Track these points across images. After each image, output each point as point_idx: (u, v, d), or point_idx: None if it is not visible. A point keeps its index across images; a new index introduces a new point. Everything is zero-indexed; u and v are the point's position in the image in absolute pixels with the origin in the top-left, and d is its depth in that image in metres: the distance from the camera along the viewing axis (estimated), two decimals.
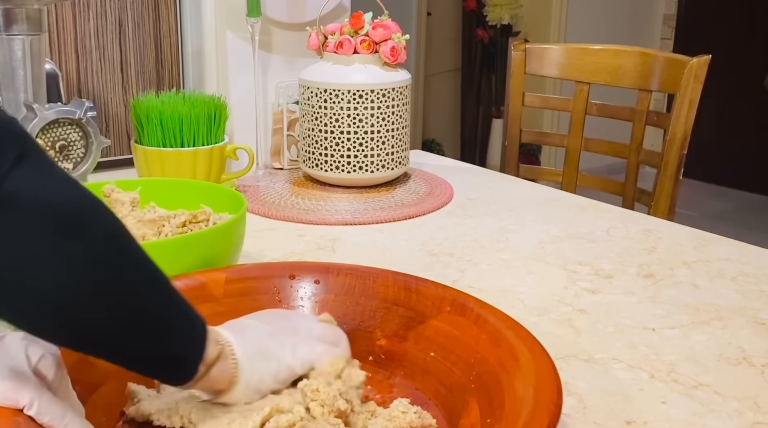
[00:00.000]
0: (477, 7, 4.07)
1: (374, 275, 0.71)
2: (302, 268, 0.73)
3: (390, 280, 0.70)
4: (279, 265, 0.74)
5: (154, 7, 1.35)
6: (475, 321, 0.62)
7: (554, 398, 0.51)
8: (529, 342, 0.58)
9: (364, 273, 0.71)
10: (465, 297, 0.66)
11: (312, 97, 1.21)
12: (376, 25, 1.21)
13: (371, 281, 0.70)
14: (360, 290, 0.70)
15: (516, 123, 1.60)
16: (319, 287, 0.71)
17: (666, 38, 4.44)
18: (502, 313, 0.63)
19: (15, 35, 1.00)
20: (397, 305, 0.68)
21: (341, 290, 0.70)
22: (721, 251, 0.99)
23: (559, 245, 1.00)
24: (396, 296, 0.68)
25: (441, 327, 0.64)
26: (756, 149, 4.18)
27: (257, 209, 1.12)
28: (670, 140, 1.37)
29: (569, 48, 1.55)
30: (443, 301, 0.66)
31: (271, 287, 0.71)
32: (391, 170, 1.23)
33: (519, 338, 0.59)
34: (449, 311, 0.65)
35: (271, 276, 0.72)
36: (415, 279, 0.69)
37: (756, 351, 0.72)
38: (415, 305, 0.67)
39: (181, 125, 1.09)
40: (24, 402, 0.50)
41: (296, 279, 0.71)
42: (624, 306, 0.82)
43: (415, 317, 0.66)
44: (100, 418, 0.57)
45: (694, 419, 0.61)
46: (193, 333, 0.53)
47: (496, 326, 0.61)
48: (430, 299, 0.67)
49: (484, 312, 0.63)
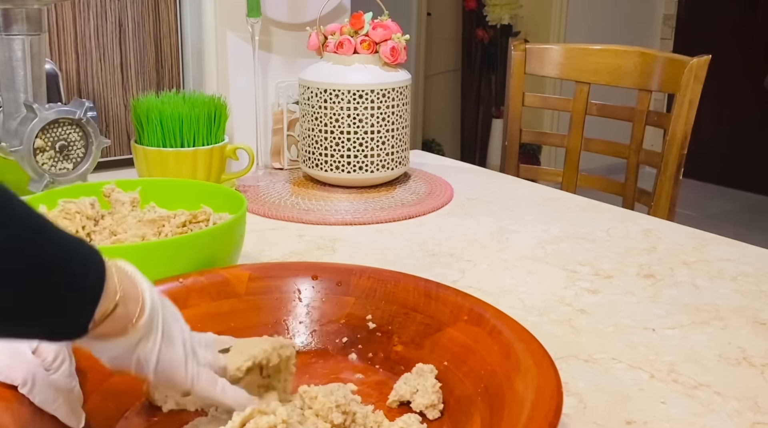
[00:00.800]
0: (477, 7, 4.07)
1: (396, 279, 0.70)
2: (325, 269, 0.73)
3: (411, 285, 0.69)
4: (303, 265, 0.75)
5: (154, 7, 1.35)
6: (490, 332, 0.62)
7: (550, 417, 0.50)
8: (538, 357, 0.57)
9: (386, 277, 0.71)
10: (483, 307, 0.65)
11: (312, 97, 1.21)
12: (376, 25, 1.21)
13: (392, 285, 0.70)
14: (381, 294, 0.70)
15: (516, 123, 1.60)
16: (341, 288, 0.71)
17: (666, 38, 4.45)
18: (518, 325, 0.62)
19: (15, 35, 1.00)
20: (416, 311, 0.67)
21: (362, 293, 0.70)
22: (721, 251, 0.99)
23: (559, 245, 1.00)
24: (415, 302, 0.68)
25: (456, 336, 0.64)
26: (756, 149, 4.18)
27: (257, 209, 1.12)
28: (670, 140, 1.37)
29: (569, 48, 1.55)
30: (461, 310, 0.65)
31: (293, 287, 0.71)
32: (391, 170, 1.23)
33: (528, 351, 0.58)
34: (466, 320, 0.64)
35: (294, 276, 0.72)
36: (435, 286, 0.69)
37: (756, 351, 0.72)
38: (434, 312, 0.66)
39: (181, 125, 1.09)
40: (18, 381, 0.51)
41: (318, 280, 0.72)
42: (624, 306, 0.82)
43: (433, 325, 0.66)
44: (109, 406, 0.57)
45: (694, 419, 0.61)
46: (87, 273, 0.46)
47: (509, 338, 0.60)
48: (449, 306, 0.66)
49: (499, 324, 0.62)
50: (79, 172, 1.05)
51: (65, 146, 1.03)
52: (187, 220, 0.82)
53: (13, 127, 1.01)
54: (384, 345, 0.67)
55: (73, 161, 1.05)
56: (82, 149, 1.05)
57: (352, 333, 0.69)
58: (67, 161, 1.04)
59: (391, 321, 0.68)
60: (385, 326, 0.68)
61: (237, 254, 0.82)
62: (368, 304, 0.69)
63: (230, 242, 0.79)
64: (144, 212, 0.83)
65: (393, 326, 0.68)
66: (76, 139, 1.04)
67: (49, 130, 1.02)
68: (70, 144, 1.04)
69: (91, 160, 1.06)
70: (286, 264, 0.76)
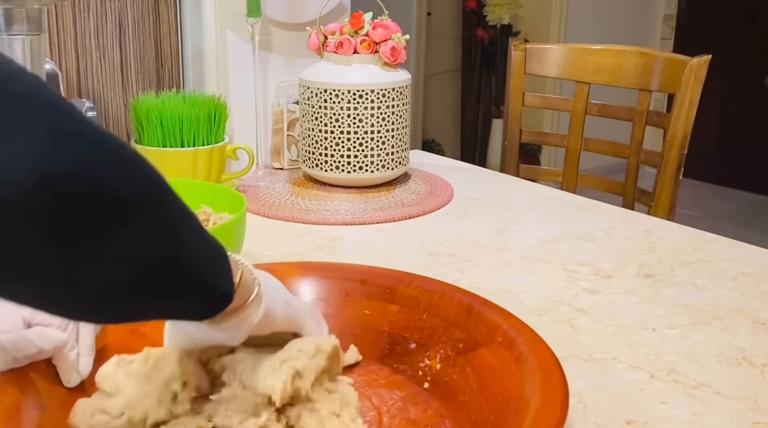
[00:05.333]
0: (477, 7, 4.07)
1: (441, 292, 0.69)
2: (375, 274, 0.73)
3: (455, 300, 0.68)
4: (354, 268, 0.75)
5: (154, 7, 1.35)
6: (517, 358, 0.60)
7: None
8: (554, 391, 0.55)
9: (432, 288, 0.70)
10: (519, 329, 0.63)
11: (312, 97, 1.21)
12: (376, 25, 1.21)
13: (437, 297, 0.69)
14: (425, 305, 0.69)
15: (516, 123, 1.60)
16: (387, 295, 0.71)
17: (666, 38, 4.44)
18: (548, 352, 0.60)
19: (15, 35, 1.00)
20: (456, 326, 0.66)
21: (407, 303, 0.70)
22: (721, 251, 0.99)
23: (559, 245, 1.00)
24: (456, 317, 0.67)
25: (488, 358, 0.62)
26: (756, 149, 4.18)
27: (257, 209, 1.12)
28: (670, 140, 1.37)
29: (569, 48, 1.55)
30: (497, 330, 0.64)
31: (342, 289, 0.71)
32: (391, 170, 1.23)
33: (545, 384, 0.55)
34: (499, 342, 0.63)
35: (344, 278, 0.72)
36: (480, 302, 0.68)
37: (756, 351, 0.72)
38: (472, 329, 0.65)
39: (181, 125, 1.09)
40: (25, 314, 0.54)
41: (366, 285, 0.71)
42: (624, 306, 0.82)
43: (468, 343, 0.65)
44: None
45: (694, 419, 0.61)
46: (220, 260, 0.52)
47: (532, 366, 0.58)
48: (487, 326, 0.65)
49: (527, 350, 0.60)
50: None
51: None
52: None
53: None
54: (419, 357, 0.66)
55: None
56: None
57: (390, 342, 0.68)
58: None
59: (431, 334, 0.67)
60: (425, 338, 0.67)
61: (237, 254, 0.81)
62: (411, 315, 0.69)
63: (230, 243, 0.79)
64: None
65: (432, 339, 0.67)
66: None
67: None
68: None
69: None
70: (337, 265, 0.76)
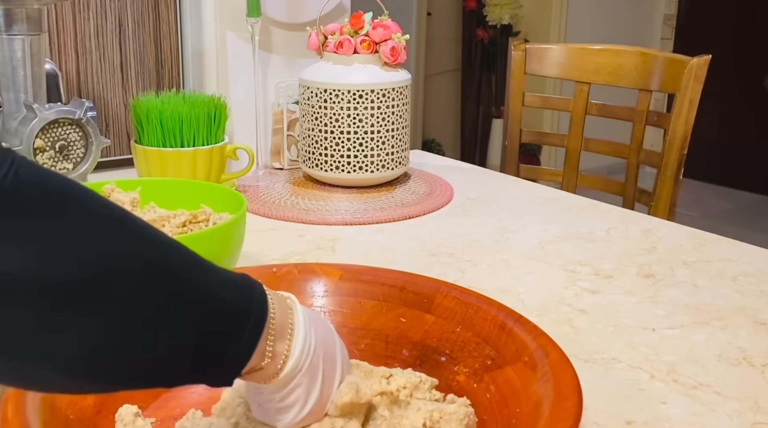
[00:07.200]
0: (477, 7, 4.07)
1: (477, 305, 0.68)
2: (414, 282, 0.72)
3: (491, 315, 0.67)
4: (394, 273, 0.74)
5: (154, 7, 1.35)
6: (540, 379, 0.59)
7: None
8: (563, 418, 0.53)
9: (469, 301, 0.69)
10: (547, 350, 0.61)
11: (312, 97, 1.21)
12: (376, 25, 1.21)
13: (473, 311, 0.68)
14: (460, 317, 0.68)
15: (516, 123, 1.60)
16: (425, 304, 0.70)
17: (666, 38, 4.45)
18: (569, 375, 0.57)
19: (15, 35, 1.00)
20: (487, 342, 0.65)
21: (443, 314, 0.69)
22: (721, 251, 0.99)
23: (559, 245, 1.00)
24: (489, 333, 0.66)
25: (512, 377, 0.61)
26: (756, 149, 4.18)
27: (257, 209, 1.12)
28: (670, 140, 1.37)
29: (569, 48, 1.55)
30: (525, 350, 0.62)
31: (380, 294, 0.71)
32: (391, 170, 1.23)
33: (555, 408, 0.54)
34: (525, 362, 0.61)
35: (383, 283, 0.71)
36: (514, 318, 0.66)
37: (756, 351, 0.72)
38: (502, 347, 0.64)
39: (181, 125, 1.09)
40: None
41: (404, 292, 0.71)
42: (624, 306, 0.82)
43: (497, 360, 0.63)
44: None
45: (694, 419, 0.61)
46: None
47: (549, 391, 0.56)
48: (516, 344, 0.63)
49: (549, 371, 0.59)
50: (79, 172, 1.05)
51: (65, 146, 1.03)
52: (187, 220, 0.82)
53: (13, 127, 1.01)
54: (448, 371, 0.65)
55: (73, 161, 1.05)
56: (82, 149, 1.05)
57: (421, 353, 0.67)
58: (67, 161, 1.04)
59: (463, 348, 0.66)
60: (456, 352, 0.66)
61: (237, 254, 0.82)
62: (445, 326, 0.68)
63: (230, 242, 0.79)
64: (144, 212, 0.83)
65: (462, 353, 0.66)
66: (76, 139, 1.04)
67: (49, 130, 1.02)
68: (70, 144, 1.04)
69: (91, 160, 1.06)
70: (377, 270, 0.74)
